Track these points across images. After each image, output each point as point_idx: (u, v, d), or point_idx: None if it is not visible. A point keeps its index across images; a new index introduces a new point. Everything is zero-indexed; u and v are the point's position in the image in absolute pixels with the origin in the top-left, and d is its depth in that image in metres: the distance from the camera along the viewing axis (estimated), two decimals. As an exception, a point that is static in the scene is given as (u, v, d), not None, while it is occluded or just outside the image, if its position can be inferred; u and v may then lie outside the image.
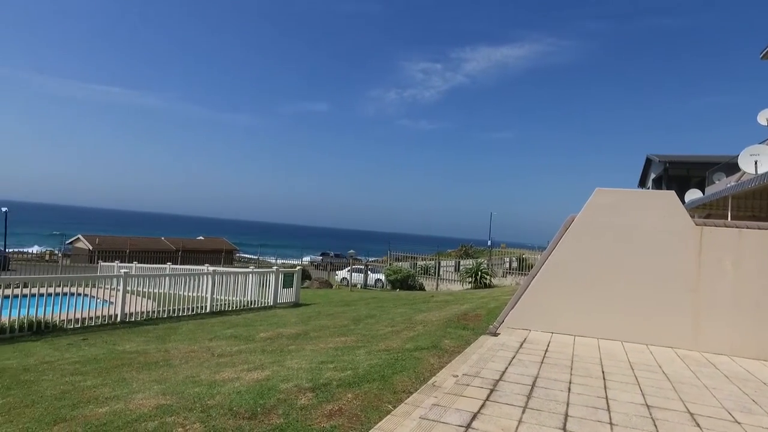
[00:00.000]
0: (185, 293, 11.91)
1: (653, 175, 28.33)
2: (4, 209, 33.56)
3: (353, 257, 30.82)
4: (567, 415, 3.58)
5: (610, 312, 6.65)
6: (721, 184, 16.10)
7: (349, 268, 29.43)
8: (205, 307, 11.71)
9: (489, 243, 44.87)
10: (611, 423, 3.46)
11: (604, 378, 4.61)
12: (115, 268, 18.75)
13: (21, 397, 4.85)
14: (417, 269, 27.63)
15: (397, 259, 30.24)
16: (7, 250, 32.16)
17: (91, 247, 41.83)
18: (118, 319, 9.84)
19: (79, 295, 11.26)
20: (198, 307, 11.58)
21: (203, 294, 12.19)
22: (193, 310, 11.39)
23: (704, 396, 4.28)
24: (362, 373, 5.06)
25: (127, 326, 9.50)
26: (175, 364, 6.20)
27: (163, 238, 50.88)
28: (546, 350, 5.80)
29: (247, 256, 57.72)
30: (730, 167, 15.95)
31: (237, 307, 12.49)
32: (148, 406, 4.21)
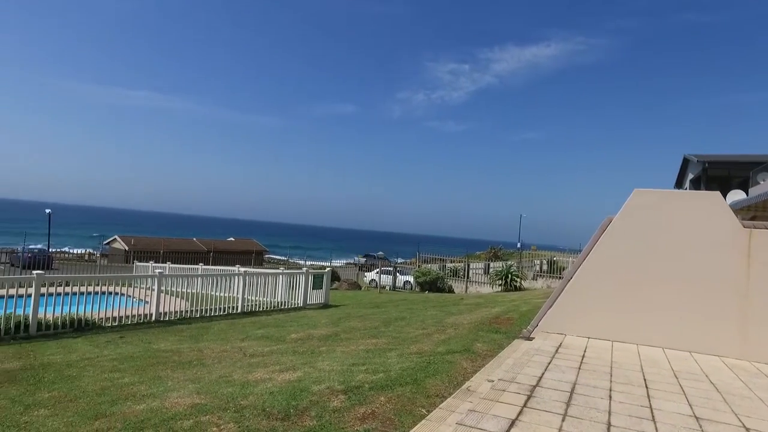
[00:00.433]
0: (217, 293, 12.10)
1: (691, 176, 27.34)
2: (47, 211, 34.94)
3: (382, 258, 30.84)
4: (610, 424, 3.43)
5: (651, 317, 6.40)
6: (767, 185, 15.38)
7: (378, 269, 29.43)
8: (236, 307, 11.86)
9: (518, 245, 44.14)
10: (658, 434, 3.30)
11: (646, 386, 4.42)
12: (150, 268, 19.20)
13: (65, 392, 4.99)
14: (446, 271, 27.40)
15: (426, 261, 30.04)
16: (50, 250, 33.44)
17: (126, 248, 43.19)
18: (153, 318, 10.05)
19: (116, 294, 11.58)
20: (229, 307, 11.74)
21: (234, 294, 12.35)
22: (224, 310, 11.55)
23: (760, 409, 4.04)
24: (394, 376, 5.00)
25: (161, 325, 9.70)
26: (208, 364, 6.27)
27: (195, 239, 52.16)
28: (583, 356, 5.62)
29: (276, 257, 58.55)
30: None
31: (267, 307, 12.61)
32: (184, 405, 4.25)
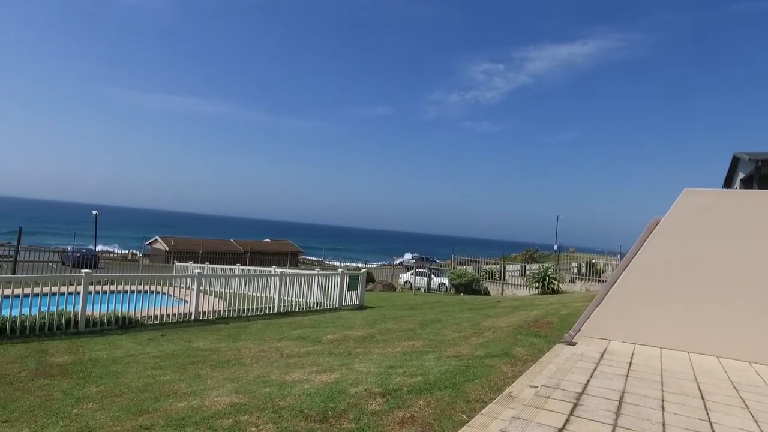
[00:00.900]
0: (253, 294, 12.27)
1: (741, 175, 25.95)
2: (94, 212, 36.42)
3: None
4: (664, 436, 3.23)
5: (704, 323, 6.05)
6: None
7: (413, 271, 29.29)
8: (273, 307, 12.00)
9: (555, 247, 43.11)
10: (718, 449, 3.08)
11: (702, 398, 4.16)
12: (189, 268, 19.67)
13: (111, 387, 5.13)
14: (481, 273, 27.00)
15: (461, 263, 29.68)
16: (96, 250, 34.86)
17: (167, 248, 44.53)
18: (192, 317, 10.27)
19: (157, 293, 11.91)
20: (266, 307, 11.88)
21: (270, 295, 12.50)
22: (261, 310, 11.70)
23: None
24: (433, 379, 4.91)
25: (200, 324, 9.89)
26: (246, 363, 6.33)
27: (232, 240, 53.29)
28: (630, 362, 5.36)
29: (311, 258, 59.19)
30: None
31: (303, 308, 12.70)
32: (223, 404, 4.28)
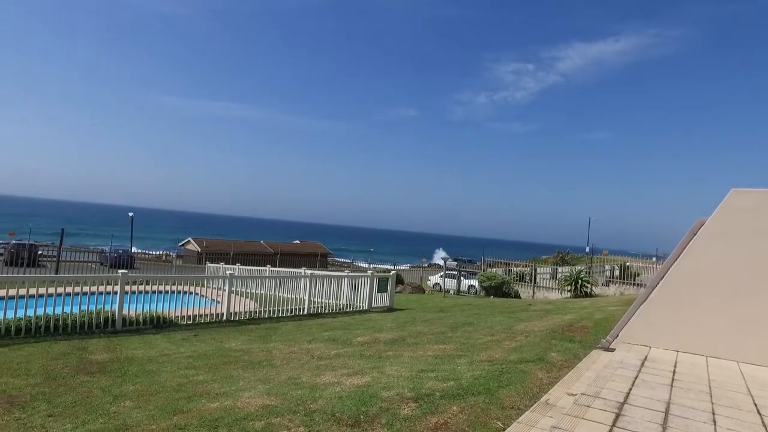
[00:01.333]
0: (283, 295, 12.37)
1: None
2: (130, 214, 37.57)
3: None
4: (716, 451, 3.05)
5: (756, 331, 5.73)
6: None
7: (442, 273, 29.07)
8: (303, 308, 12.06)
9: (587, 249, 42.03)
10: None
11: (758, 412, 3.91)
12: (221, 269, 20.02)
13: (146, 385, 5.22)
14: (512, 276, 26.57)
15: (491, 265, 29.29)
16: (132, 251, 35.94)
17: (199, 249, 45.59)
18: (224, 317, 10.41)
19: (190, 293, 12.15)
20: (295, 308, 11.95)
21: (300, 296, 12.57)
22: (291, 312, 11.77)
23: None
24: (466, 384, 4.80)
25: (231, 325, 10.02)
26: (277, 365, 6.35)
27: (262, 241, 54.15)
28: (674, 371, 5.13)
29: (340, 260, 59.58)
30: None
31: (332, 310, 12.72)
32: (255, 406, 4.29)
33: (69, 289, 8.55)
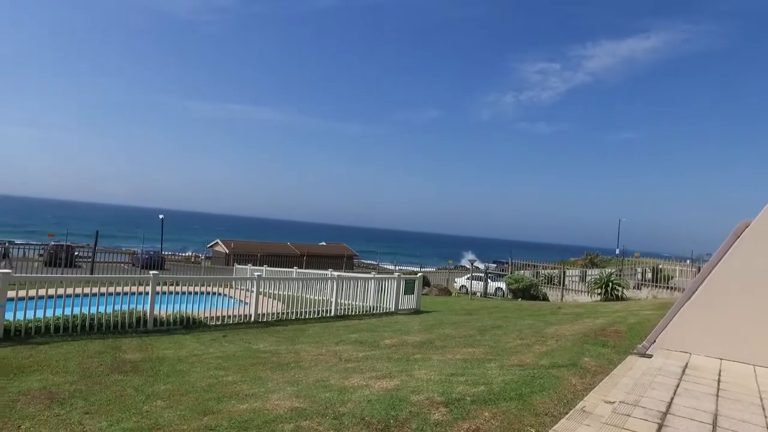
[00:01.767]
0: (311, 296, 12.40)
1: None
2: (161, 217, 38.45)
3: (477, 262, 30.02)
4: (770, 466, 2.86)
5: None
6: None
7: (469, 275, 28.77)
8: (330, 310, 12.07)
9: (617, 251, 40.95)
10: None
11: (813, 423, 3.67)
12: (248, 271, 20.23)
13: (177, 385, 5.27)
14: (540, 278, 26.09)
15: (518, 267, 28.84)
16: (163, 252, 36.76)
17: (227, 251, 46.30)
18: (252, 318, 10.49)
19: (219, 294, 12.31)
20: (323, 310, 11.97)
21: (327, 298, 12.59)
22: (318, 313, 11.79)
23: None
24: (497, 389, 4.68)
25: (259, 326, 10.08)
26: (306, 367, 6.34)
27: (289, 243, 54.67)
28: (718, 380, 4.89)
29: (366, 261, 59.68)
30: None
31: (359, 312, 12.69)
32: (284, 408, 4.26)
33: (103, 290, 8.75)
